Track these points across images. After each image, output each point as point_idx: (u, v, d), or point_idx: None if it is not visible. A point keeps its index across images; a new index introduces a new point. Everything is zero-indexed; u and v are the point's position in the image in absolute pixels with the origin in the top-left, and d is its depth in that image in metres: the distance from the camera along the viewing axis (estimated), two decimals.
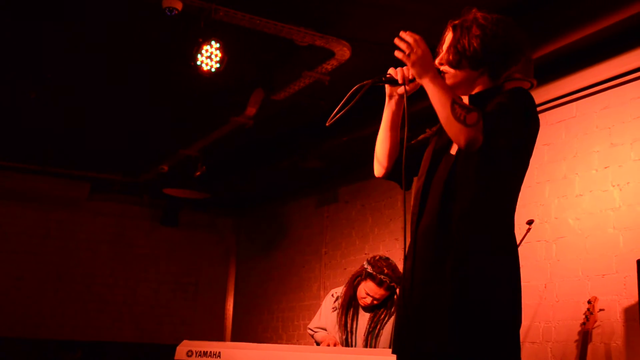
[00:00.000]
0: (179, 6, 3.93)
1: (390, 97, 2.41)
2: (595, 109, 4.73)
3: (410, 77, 2.29)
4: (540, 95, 4.94)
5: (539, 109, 5.02)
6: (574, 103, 4.87)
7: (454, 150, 2.30)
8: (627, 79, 4.51)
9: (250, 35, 4.44)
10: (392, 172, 2.47)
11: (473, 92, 2.33)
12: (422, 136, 2.53)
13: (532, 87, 4.46)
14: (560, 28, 4.04)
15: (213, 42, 4.25)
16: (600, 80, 4.62)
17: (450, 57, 2.30)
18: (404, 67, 2.30)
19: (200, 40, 4.23)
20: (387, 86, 2.38)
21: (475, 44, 2.26)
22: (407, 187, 2.34)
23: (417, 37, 2.20)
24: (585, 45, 4.41)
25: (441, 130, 2.36)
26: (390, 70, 2.33)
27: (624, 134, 4.52)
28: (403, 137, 2.33)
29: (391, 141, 2.43)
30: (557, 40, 4.14)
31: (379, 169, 2.49)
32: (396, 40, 2.21)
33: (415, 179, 2.45)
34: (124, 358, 8.83)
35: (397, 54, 2.22)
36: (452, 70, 2.30)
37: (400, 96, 2.38)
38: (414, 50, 2.18)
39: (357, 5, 4.26)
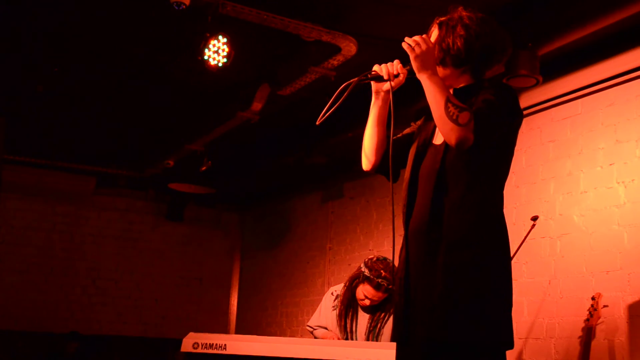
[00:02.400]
0: (187, 1, 3.94)
1: (377, 93, 2.47)
2: (600, 106, 4.73)
3: (395, 72, 2.38)
4: (545, 92, 4.95)
5: (544, 105, 5.06)
6: (580, 100, 4.87)
7: (437, 140, 2.38)
8: (633, 76, 4.51)
9: (257, 31, 4.46)
10: (380, 165, 2.54)
11: (457, 87, 2.41)
12: (407, 130, 2.61)
13: (537, 83, 4.48)
14: (566, 24, 4.05)
15: (220, 37, 4.27)
16: (606, 77, 4.63)
17: (435, 54, 2.35)
18: (388, 64, 2.38)
19: (208, 34, 4.24)
20: (373, 83, 2.45)
21: (459, 44, 2.33)
22: (395, 179, 2.42)
23: (425, 36, 2.30)
24: (591, 42, 4.41)
25: (425, 122, 2.43)
26: (375, 67, 2.41)
27: (629, 131, 4.52)
28: (390, 132, 2.40)
29: (378, 136, 2.50)
30: (563, 37, 4.15)
31: (366, 163, 2.56)
32: (406, 38, 2.29)
33: (402, 171, 2.51)
34: (128, 352, 8.87)
35: (404, 45, 2.29)
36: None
37: (386, 92, 2.43)
38: (420, 44, 2.26)
39: (364, 1, 4.27)
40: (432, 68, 2.26)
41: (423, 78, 2.26)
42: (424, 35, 2.29)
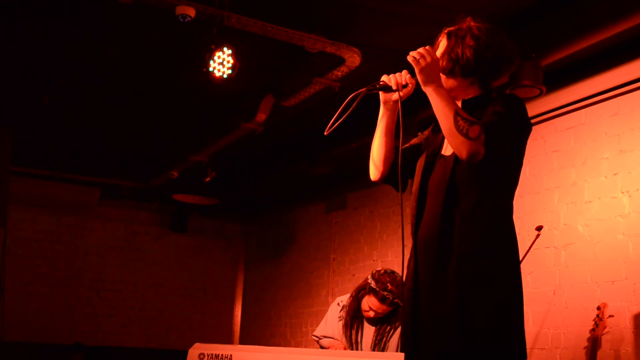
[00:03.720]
0: (192, 13, 3.97)
1: (385, 103, 2.47)
2: (604, 116, 4.74)
3: (404, 82, 2.37)
4: (549, 102, 4.96)
5: (548, 115, 5.06)
6: (583, 110, 4.88)
7: (446, 151, 2.38)
8: (637, 86, 4.52)
9: (262, 42, 4.48)
10: (388, 175, 2.53)
11: (466, 98, 2.40)
12: (414, 140, 2.60)
13: (541, 93, 4.49)
14: (570, 35, 4.06)
15: (225, 49, 4.29)
16: (610, 87, 4.64)
17: (444, 64, 2.36)
18: (397, 74, 2.37)
19: (213, 46, 4.27)
20: (381, 93, 2.44)
21: (468, 54, 2.32)
22: (403, 189, 2.41)
23: (429, 47, 2.29)
24: (594, 52, 4.43)
25: (433, 133, 2.43)
26: (384, 77, 2.40)
27: (633, 140, 4.53)
28: (398, 142, 2.39)
29: (386, 146, 2.50)
30: (567, 47, 4.16)
31: (374, 173, 2.55)
32: (411, 52, 2.29)
33: (410, 181, 2.51)
34: None
35: (409, 58, 2.29)
36: (443, 76, 2.36)
37: (394, 102, 2.43)
38: (425, 56, 2.25)
39: (368, 13, 4.29)
40: (437, 80, 2.26)
41: (429, 91, 2.25)
42: (427, 47, 2.28)
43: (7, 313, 7.97)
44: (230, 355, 3.53)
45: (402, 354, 2.38)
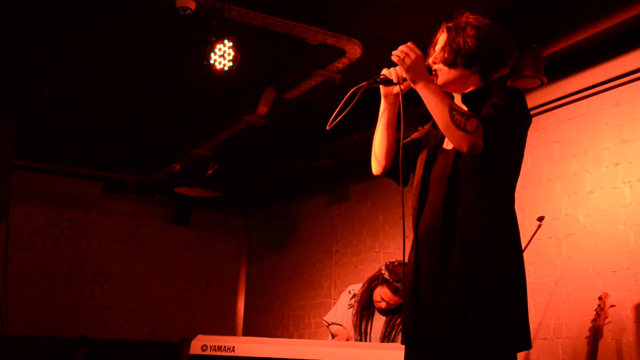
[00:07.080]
0: (193, 6, 3.97)
1: (386, 97, 2.47)
2: (605, 106, 4.74)
3: (404, 76, 2.37)
4: (550, 92, 4.96)
5: (549, 106, 5.07)
6: (585, 100, 4.88)
7: (447, 145, 2.39)
8: (639, 76, 4.51)
9: (263, 34, 4.49)
10: (390, 169, 2.54)
11: (466, 91, 2.41)
12: (415, 134, 2.60)
13: (542, 84, 4.49)
14: (571, 25, 4.06)
15: (226, 41, 4.30)
16: (611, 77, 4.63)
17: (446, 55, 2.37)
18: (397, 67, 2.37)
19: (214, 39, 4.27)
20: (382, 87, 2.44)
21: (470, 43, 2.34)
22: (405, 183, 2.42)
23: (410, 44, 2.30)
24: (595, 42, 4.42)
25: (433, 127, 2.44)
26: (384, 71, 2.40)
27: (634, 130, 4.53)
28: (399, 135, 2.39)
29: (388, 140, 2.50)
30: (568, 38, 4.16)
31: (376, 167, 2.55)
32: (393, 52, 2.30)
33: (412, 175, 2.52)
34: (136, 356, 8.90)
35: (393, 58, 2.30)
36: (445, 69, 2.37)
37: (396, 95, 2.43)
38: (409, 54, 2.27)
39: (368, 4, 4.29)
40: (426, 77, 2.27)
41: (419, 88, 2.26)
42: (409, 44, 2.29)
43: (10, 307, 7.98)
44: (233, 346, 3.56)
45: (402, 346, 2.40)
